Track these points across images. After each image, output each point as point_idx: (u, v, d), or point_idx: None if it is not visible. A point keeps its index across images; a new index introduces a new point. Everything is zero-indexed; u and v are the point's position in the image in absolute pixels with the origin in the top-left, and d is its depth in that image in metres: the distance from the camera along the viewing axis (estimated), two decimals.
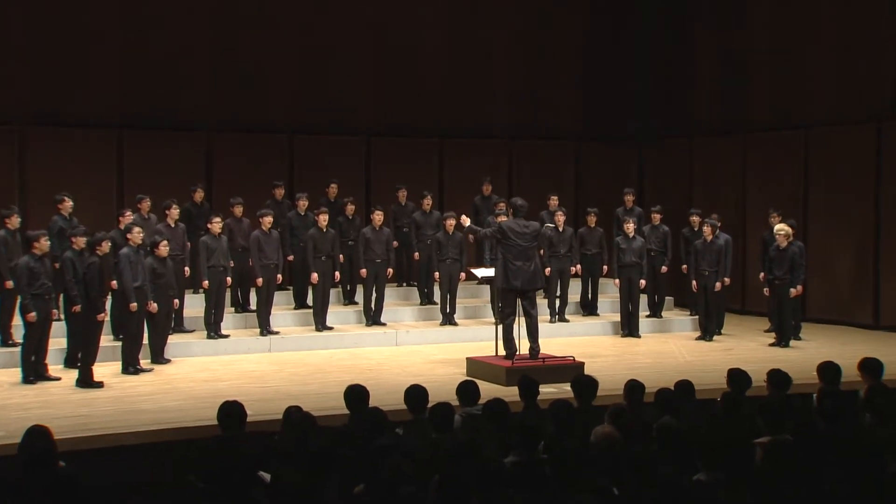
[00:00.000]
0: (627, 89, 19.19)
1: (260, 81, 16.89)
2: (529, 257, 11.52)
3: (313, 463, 5.89)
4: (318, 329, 14.03)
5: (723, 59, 17.89)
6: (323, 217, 13.99)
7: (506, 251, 11.47)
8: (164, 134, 16.12)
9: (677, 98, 18.72)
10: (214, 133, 16.54)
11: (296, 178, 16.79)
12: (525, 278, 11.44)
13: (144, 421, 9.41)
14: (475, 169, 17.35)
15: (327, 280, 14.05)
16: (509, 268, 11.41)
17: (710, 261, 14.27)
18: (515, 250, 11.44)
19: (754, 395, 8.16)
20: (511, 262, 11.41)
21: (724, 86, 17.85)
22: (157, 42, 16.28)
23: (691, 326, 15.30)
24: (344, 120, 17.35)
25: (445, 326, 14.63)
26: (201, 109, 16.50)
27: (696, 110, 18.37)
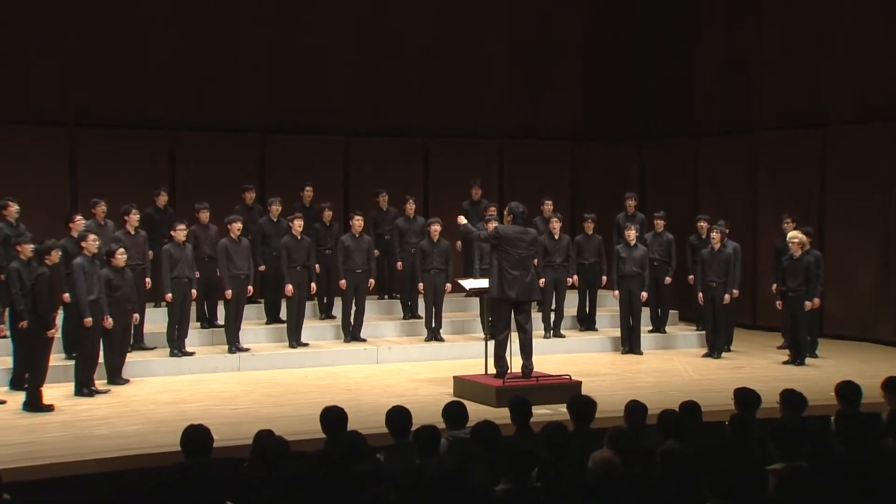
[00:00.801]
0: (627, 86, 19.27)
1: (229, 76, 16.88)
2: (526, 266, 11.54)
3: (287, 491, 5.85)
4: (291, 346, 14.00)
5: (729, 53, 17.98)
6: (297, 223, 13.97)
7: (502, 259, 11.48)
8: (123, 132, 16.10)
9: (681, 95, 18.79)
10: (179, 132, 16.51)
11: (268, 181, 16.79)
12: (521, 289, 11.45)
13: (99, 448, 9.35)
14: (463, 171, 17.36)
15: (302, 292, 14.02)
16: (505, 277, 11.41)
17: (717, 271, 14.29)
18: (512, 258, 11.45)
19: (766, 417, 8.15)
20: (507, 271, 11.42)
21: (732, 81, 17.92)
22: (114, 31, 16.23)
23: (697, 342, 15.32)
24: (321, 118, 17.36)
25: (431, 342, 14.62)
26: (164, 106, 16.47)
27: (702, 107, 18.44)
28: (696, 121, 18.49)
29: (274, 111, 17.12)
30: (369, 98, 17.70)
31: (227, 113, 16.82)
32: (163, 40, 16.53)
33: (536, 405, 8.83)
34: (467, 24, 18.41)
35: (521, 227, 11.60)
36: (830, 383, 9.01)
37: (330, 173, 17.18)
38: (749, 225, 17.34)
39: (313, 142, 17.24)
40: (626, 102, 19.22)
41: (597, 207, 16.73)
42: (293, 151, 17.04)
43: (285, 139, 17.11)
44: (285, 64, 17.25)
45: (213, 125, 16.69)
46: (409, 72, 17.96)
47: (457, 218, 12.48)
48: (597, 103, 19.02)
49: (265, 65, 17.15)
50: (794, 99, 17.01)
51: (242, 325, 13.80)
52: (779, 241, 14.80)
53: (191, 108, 16.62)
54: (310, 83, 17.36)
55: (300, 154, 17.02)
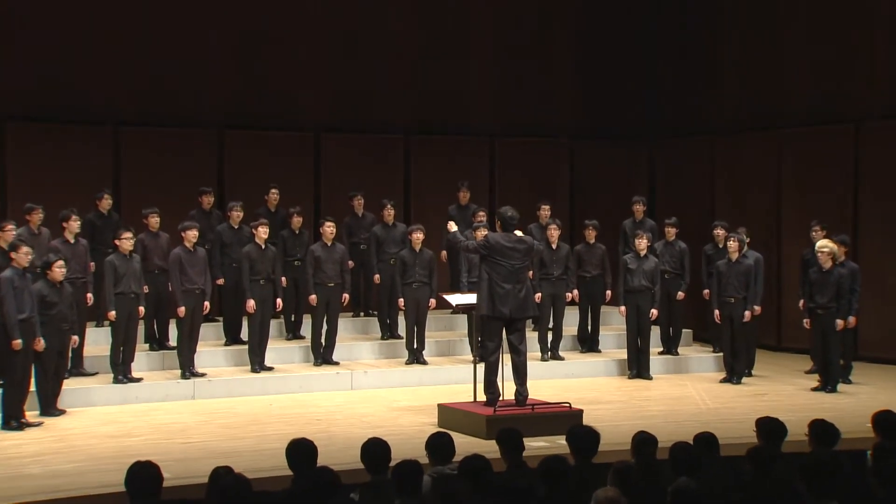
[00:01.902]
0: (635, 77, 19.29)
1: (184, 65, 16.82)
2: (520, 279, 11.52)
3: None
4: (254, 370, 13.94)
5: (751, 42, 18.01)
6: (262, 231, 13.93)
7: (492, 271, 11.46)
8: (61, 128, 16.03)
9: (696, 87, 18.82)
10: (124, 127, 16.46)
11: (228, 183, 16.76)
12: (515, 304, 11.43)
13: (30, 489, 9.25)
14: (449, 172, 17.36)
15: (266, 309, 13.96)
16: (495, 291, 11.39)
17: (736, 285, 14.29)
18: (504, 270, 11.43)
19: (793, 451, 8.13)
20: (498, 285, 11.40)
21: (754, 72, 17.95)
22: (54, 17, 16.16)
23: (714, 366, 15.31)
24: (288, 112, 17.34)
25: (412, 366, 14.58)
26: (107, 96, 16.40)
27: (720, 101, 18.47)
28: (714, 115, 18.51)
29: (235, 104, 17.09)
30: (343, 90, 17.68)
31: (180, 106, 16.76)
32: (107, 28, 16.42)
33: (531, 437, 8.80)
34: (452, 8, 18.42)
35: (514, 235, 11.60)
36: (866, 413, 8.99)
37: (299, 174, 17.15)
38: (773, 232, 17.35)
39: (279, 139, 17.21)
40: (633, 95, 19.25)
41: (600, 213, 16.73)
42: (257, 149, 17.00)
43: (247, 136, 17.07)
44: (248, 51, 17.23)
45: (164, 120, 16.63)
46: (388, 61, 17.95)
47: (447, 224, 12.43)
48: (599, 96, 19.04)
49: (224, 51, 17.10)
50: (824, 91, 17.03)
51: (198, 347, 13.73)
52: (806, 251, 14.81)
53: (139, 100, 16.55)
54: (275, 73, 17.34)
55: (264, 153, 16.98)
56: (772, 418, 8.30)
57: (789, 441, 8.21)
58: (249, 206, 15.09)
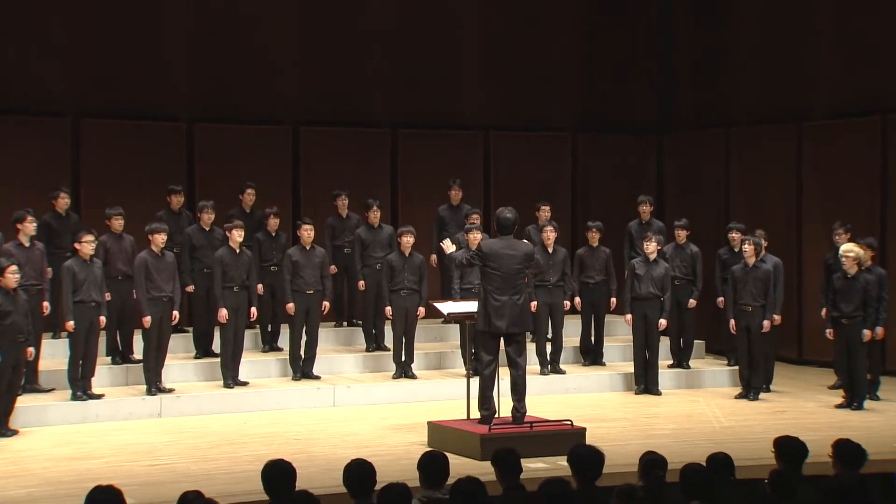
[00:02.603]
0: (644, 65, 19.30)
1: (149, 52, 16.78)
2: (517, 289, 11.49)
3: None
4: (227, 385, 13.92)
5: (772, 27, 17.98)
6: (236, 233, 13.90)
7: (486, 281, 11.46)
8: (14, 119, 15.99)
9: (711, 76, 18.80)
10: (85, 118, 16.41)
11: (199, 182, 16.74)
12: (512, 317, 11.42)
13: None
14: (440, 169, 17.36)
15: (240, 318, 13.95)
16: (490, 303, 11.39)
17: (754, 292, 14.29)
18: (499, 280, 11.41)
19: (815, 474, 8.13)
20: (493, 296, 11.38)
21: (774, 60, 17.91)
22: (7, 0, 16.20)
23: (729, 380, 15.30)
24: (263, 103, 17.32)
25: (400, 380, 14.57)
26: (67, 87, 16.36)
27: (737, 91, 18.44)
28: (729, 106, 18.48)
29: (206, 94, 17.06)
30: (323, 80, 17.65)
31: (147, 96, 16.70)
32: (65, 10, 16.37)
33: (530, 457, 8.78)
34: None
35: (511, 241, 11.54)
36: None
37: (276, 171, 17.16)
38: (793, 235, 17.35)
39: (254, 133, 17.21)
40: (642, 83, 19.25)
41: (604, 213, 16.73)
42: (230, 145, 17.00)
43: (219, 129, 17.06)
44: (219, 37, 17.20)
45: (129, 110, 16.57)
46: (372, 47, 17.92)
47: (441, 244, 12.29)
48: (605, 85, 19.05)
49: (194, 37, 17.06)
50: (851, 81, 17.00)
51: (165, 361, 13.71)
52: (829, 255, 14.81)
53: (101, 89, 16.50)
54: (249, 61, 17.30)
55: (238, 148, 16.99)
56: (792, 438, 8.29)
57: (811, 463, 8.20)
58: (222, 207, 15.08)
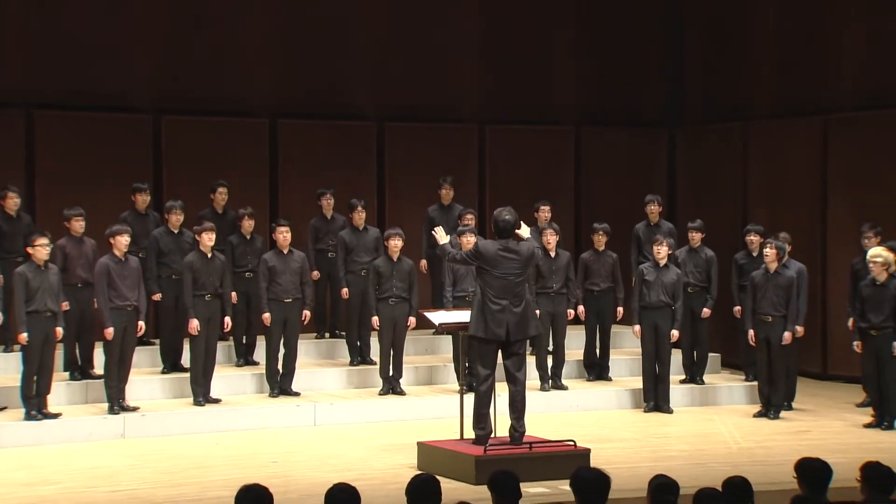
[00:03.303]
0: (655, 52, 19.31)
1: (111, 37, 16.71)
2: (518, 294, 11.51)
3: None
4: (197, 402, 13.89)
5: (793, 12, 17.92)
6: (207, 237, 13.88)
7: (484, 285, 11.46)
8: None
9: (728, 64, 18.78)
10: (40, 110, 16.36)
11: (166, 179, 16.74)
12: (512, 324, 11.43)
13: None
14: (430, 166, 17.36)
15: (212, 329, 13.93)
16: (488, 309, 11.39)
17: (775, 300, 14.29)
18: (498, 284, 11.42)
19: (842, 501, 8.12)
20: (491, 301, 11.39)
21: (796, 48, 17.87)
22: None
23: (747, 397, 15.33)
24: (237, 94, 17.27)
25: (387, 396, 14.57)
26: (20, 76, 16.28)
27: (755, 81, 18.41)
28: (748, 98, 18.45)
29: (173, 84, 16.98)
30: (302, 68, 17.61)
31: (109, 86, 16.64)
32: None
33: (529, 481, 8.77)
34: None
35: (510, 242, 11.55)
36: None
37: (251, 168, 17.14)
38: (817, 238, 17.32)
39: (227, 126, 17.18)
40: (651, 72, 19.26)
41: (609, 214, 16.71)
42: (200, 139, 16.96)
43: (189, 123, 17.02)
44: (189, 22, 17.13)
45: (89, 101, 16.52)
46: (355, 33, 17.87)
47: (433, 232, 12.34)
48: (611, 74, 19.03)
49: (161, 21, 16.99)
50: (882, 69, 16.96)
51: (129, 376, 13.66)
52: (857, 260, 14.82)
53: (58, 78, 16.44)
54: (221, 47, 17.22)
55: (210, 143, 16.95)
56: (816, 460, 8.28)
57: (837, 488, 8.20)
58: (192, 207, 15.04)
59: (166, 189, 16.41)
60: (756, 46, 18.45)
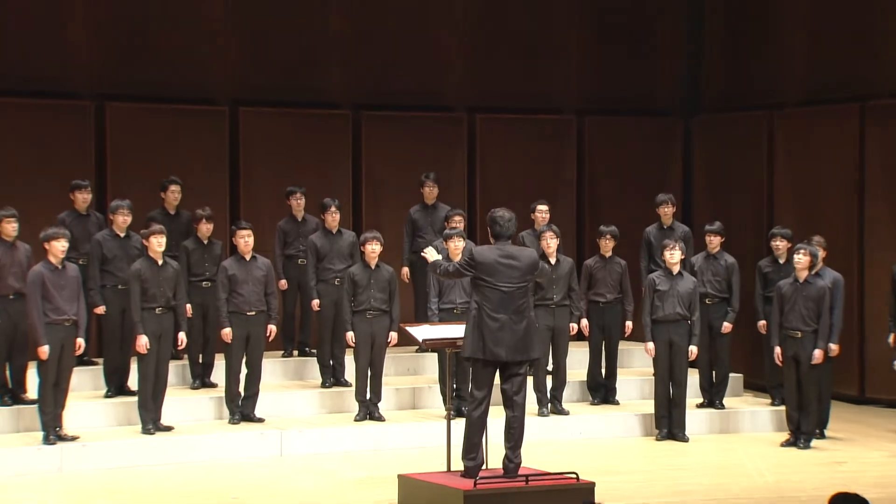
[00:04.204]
0: (665, 34, 19.35)
1: (44, 13, 16.69)
2: (519, 308, 11.47)
3: None
4: (146, 430, 13.82)
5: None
6: (157, 241, 13.80)
7: (481, 298, 11.42)
8: None
9: (750, 46, 18.80)
10: None
11: (111, 176, 16.72)
12: (512, 343, 11.40)
13: None
14: (413, 161, 17.41)
15: (164, 347, 13.87)
16: (485, 325, 11.35)
17: (805, 314, 14.26)
18: (496, 296, 11.38)
19: None
20: (489, 316, 11.35)
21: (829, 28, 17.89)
22: None
23: (773, 423, 15.37)
24: (192, 78, 17.28)
25: (364, 422, 14.56)
26: None
27: (783, 65, 18.41)
28: (774, 83, 18.47)
29: (119, 67, 16.96)
30: (269, 50, 17.63)
31: (44, 68, 16.62)
32: None
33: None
34: None
35: (510, 248, 11.54)
36: None
37: (208, 163, 17.14)
38: (854, 243, 17.34)
39: (181, 114, 17.19)
40: (665, 56, 19.30)
41: (616, 216, 16.76)
42: (150, 130, 16.94)
43: (136, 111, 17.00)
44: (136, 4, 17.16)
45: (20, 86, 16.44)
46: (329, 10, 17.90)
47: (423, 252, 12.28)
48: (618, 57, 19.06)
49: (105, 5, 16.99)
50: None
51: (67, 400, 13.59)
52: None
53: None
54: (174, 25, 17.23)
55: (161, 134, 16.94)
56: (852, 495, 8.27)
57: None
58: (141, 208, 15.00)
59: (111, 187, 16.40)
60: (786, 24, 18.46)
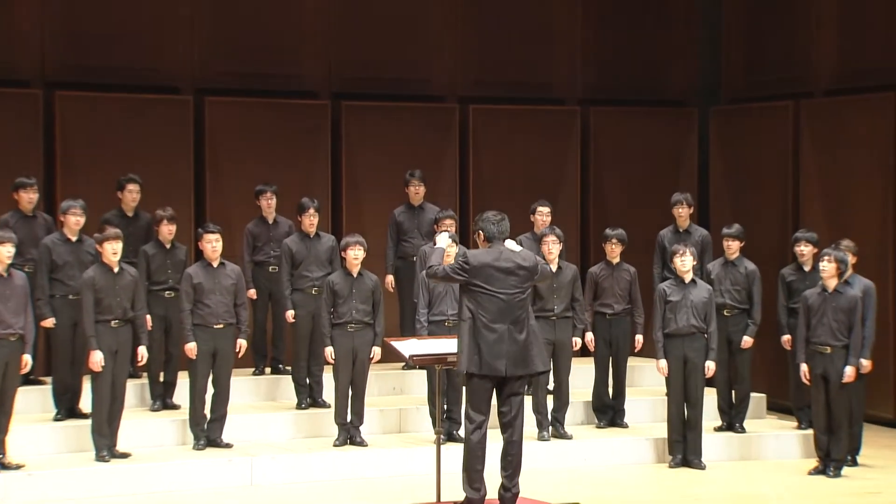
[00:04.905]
0: (680, 14, 19.42)
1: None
2: (519, 319, 11.54)
3: None
4: (101, 457, 13.75)
5: None
6: (111, 246, 13.72)
7: (476, 308, 11.49)
8: None
9: (774, 29, 18.81)
10: None
11: (60, 172, 16.74)
12: (513, 357, 11.45)
13: None
14: (398, 157, 17.48)
15: (121, 364, 13.79)
16: (481, 336, 11.43)
17: (834, 327, 14.22)
18: (494, 305, 11.47)
19: None
20: (485, 327, 11.43)
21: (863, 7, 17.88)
22: None
23: (800, 449, 15.42)
24: (151, 64, 17.32)
25: (345, 448, 14.54)
26: None
27: (813, 48, 18.38)
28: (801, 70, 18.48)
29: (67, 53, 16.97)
30: (236, 34, 17.63)
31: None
32: None
33: None
34: None
35: (508, 251, 11.58)
36: None
37: (171, 158, 17.13)
38: (888, 247, 17.34)
39: (139, 106, 17.18)
40: (678, 39, 19.33)
41: (625, 217, 16.85)
42: (104, 122, 16.93)
43: (89, 100, 16.98)
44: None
45: None
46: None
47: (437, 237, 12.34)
48: (626, 40, 19.11)
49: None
50: None
51: (12, 425, 13.53)
52: None
53: None
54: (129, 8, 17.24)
55: (117, 127, 16.92)
56: None
57: None
58: (95, 208, 14.99)
59: (61, 185, 16.40)
60: (813, 7, 18.44)
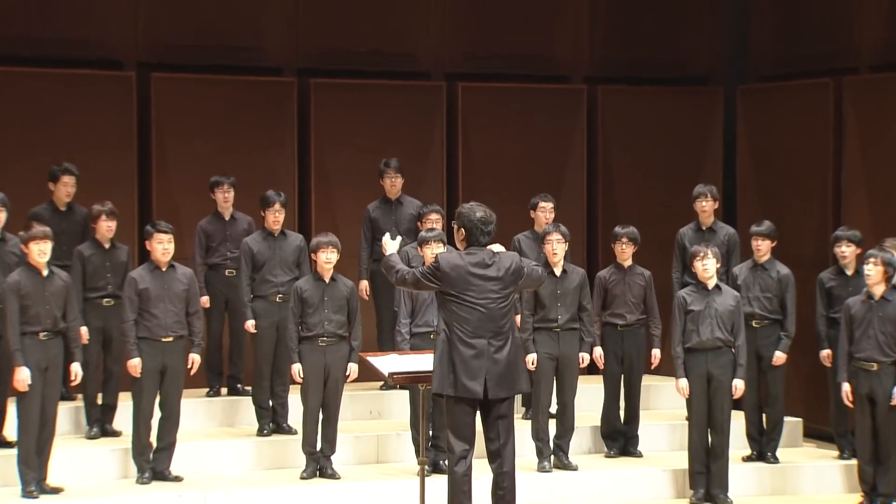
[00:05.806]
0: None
1: None
2: (500, 330, 11.53)
3: None
4: (28, 492, 13.66)
5: None
6: (38, 248, 13.61)
7: (450, 319, 11.55)
8: None
9: None
10: None
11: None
12: (493, 376, 11.49)
13: None
14: (375, 142, 17.54)
15: (51, 383, 13.71)
16: (458, 353, 11.49)
17: (881, 340, 14.13)
18: (472, 317, 11.52)
19: None
20: (461, 341, 11.45)
21: None
22: None
23: (843, 482, 15.39)
24: (91, 36, 17.39)
25: (314, 481, 14.56)
26: None
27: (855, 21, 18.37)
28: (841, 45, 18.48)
29: (8, 23, 17.04)
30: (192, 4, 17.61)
31: None
32: None
33: None
34: None
35: (486, 254, 11.58)
36: None
37: (112, 146, 17.17)
38: None
39: (76, 83, 17.21)
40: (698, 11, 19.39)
41: (639, 213, 17.01)
42: (35, 103, 16.98)
43: (19, 77, 17.06)
44: None
45: None
46: None
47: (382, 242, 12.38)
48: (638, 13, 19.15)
49: None
50: None
51: None
52: None
53: None
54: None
55: (50, 109, 16.98)
56: None
57: None
58: (21, 203, 15.01)
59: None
60: None
